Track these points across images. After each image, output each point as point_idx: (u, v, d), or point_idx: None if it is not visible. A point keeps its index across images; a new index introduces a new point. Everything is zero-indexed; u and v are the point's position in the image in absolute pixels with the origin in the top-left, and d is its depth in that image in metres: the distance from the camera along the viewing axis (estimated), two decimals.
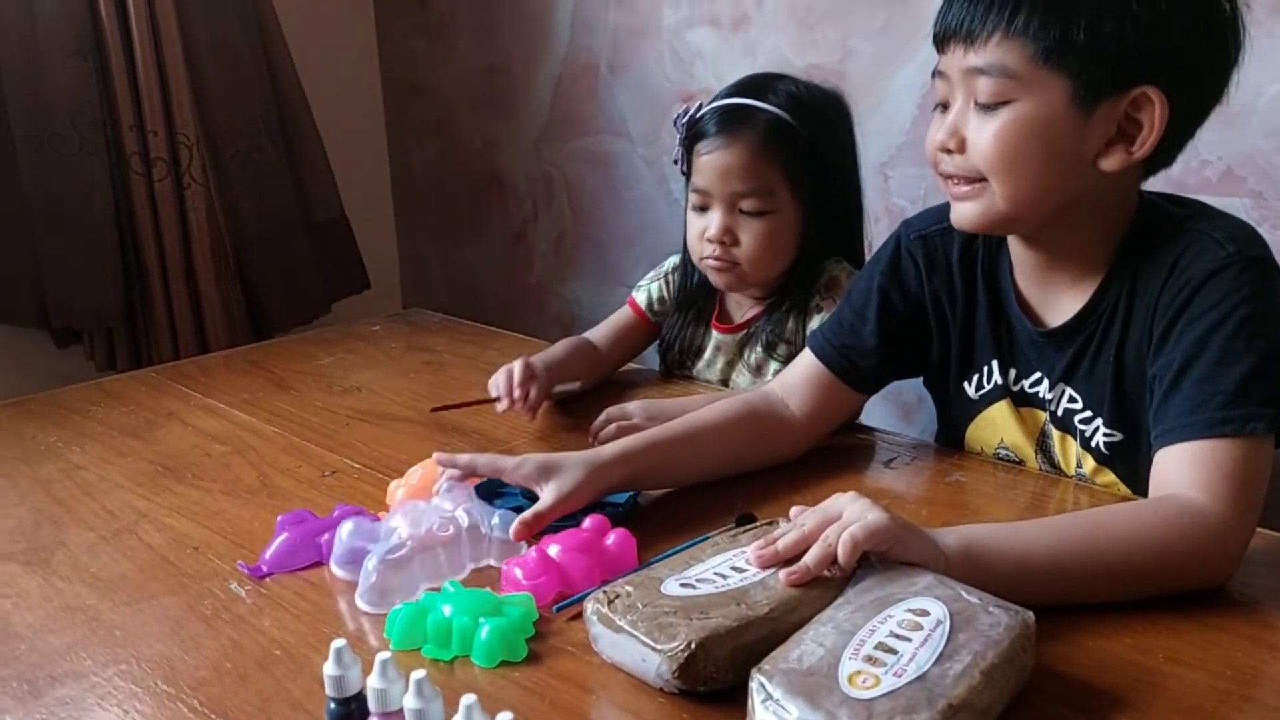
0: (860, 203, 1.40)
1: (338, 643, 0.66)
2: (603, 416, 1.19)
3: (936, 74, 0.97)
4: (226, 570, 0.93)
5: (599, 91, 2.02)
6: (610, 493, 1.01)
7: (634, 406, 1.21)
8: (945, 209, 1.08)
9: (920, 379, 1.17)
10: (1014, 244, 1.03)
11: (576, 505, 0.97)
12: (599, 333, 1.50)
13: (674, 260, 1.48)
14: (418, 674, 0.63)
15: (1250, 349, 0.87)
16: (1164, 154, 0.94)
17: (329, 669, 0.66)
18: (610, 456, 1.00)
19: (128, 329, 1.95)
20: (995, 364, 1.06)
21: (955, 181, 0.96)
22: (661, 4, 1.87)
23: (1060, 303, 1.01)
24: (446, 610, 0.80)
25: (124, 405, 1.38)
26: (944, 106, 0.97)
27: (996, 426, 1.09)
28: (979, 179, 0.94)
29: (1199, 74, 0.91)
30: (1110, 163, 0.92)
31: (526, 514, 0.94)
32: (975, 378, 1.09)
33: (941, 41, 0.95)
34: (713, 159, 1.29)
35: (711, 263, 1.32)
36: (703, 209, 1.32)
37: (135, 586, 0.91)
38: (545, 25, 2.08)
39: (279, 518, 0.98)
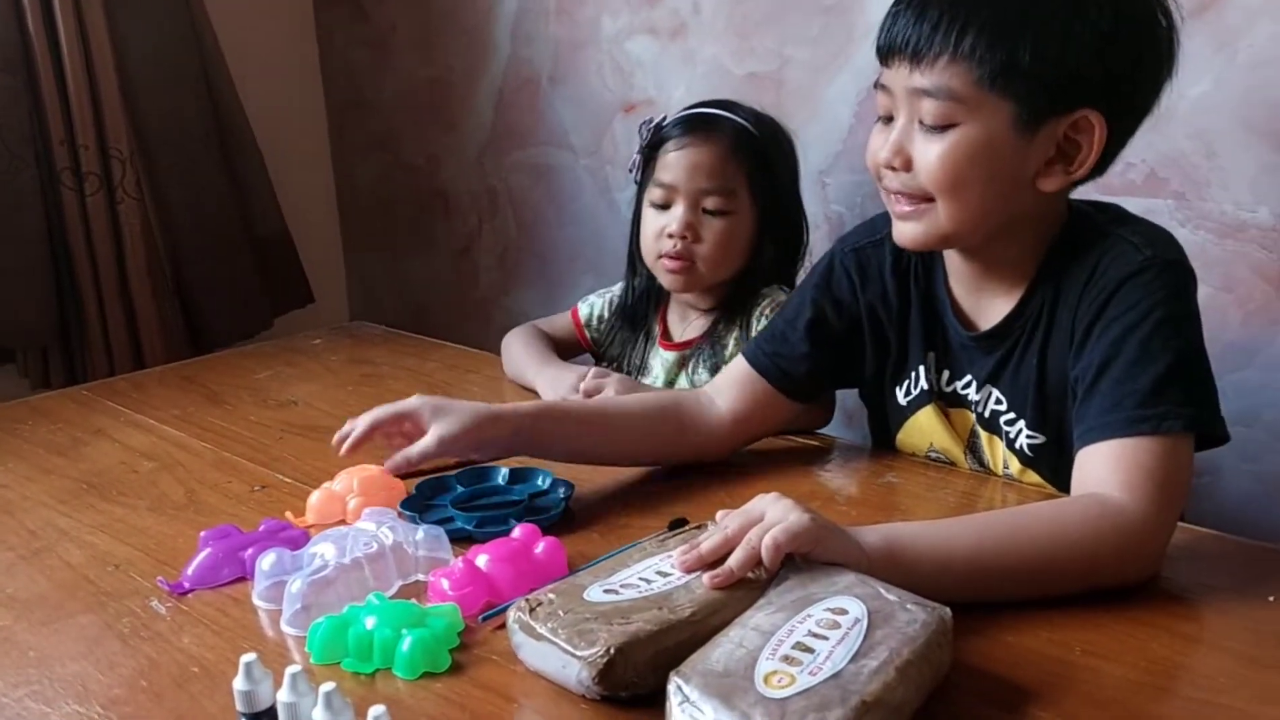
0: (803, 228, 1.45)
1: (247, 657, 0.65)
2: (591, 373, 1.28)
3: (879, 86, 0.97)
4: (147, 588, 0.92)
5: (540, 103, 2.02)
6: (497, 450, 1.06)
7: (616, 376, 1.29)
8: (879, 221, 1.10)
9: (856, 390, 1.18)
10: (950, 253, 1.04)
11: (458, 451, 1.04)
12: (549, 326, 1.56)
13: None
14: (327, 686, 0.62)
15: (1166, 350, 0.88)
16: (1096, 169, 0.95)
17: (238, 684, 0.65)
18: (502, 412, 1.06)
19: (62, 346, 1.91)
20: (922, 369, 1.07)
21: (899, 199, 0.97)
22: (600, 14, 1.87)
23: (992, 307, 1.02)
24: (369, 623, 0.79)
25: (52, 423, 1.36)
26: (887, 119, 0.97)
27: (924, 432, 1.10)
28: (924, 198, 0.94)
29: (1137, 93, 0.93)
30: (1049, 183, 0.93)
31: (404, 450, 1.02)
32: (905, 383, 1.10)
33: (886, 55, 0.95)
34: (683, 155, 1.35)
35: (668, 262, 1.37)
36: (665, 205, 1.37)
37: (52, 606, 0.89)
38: (485, 37, 2.07)
39: (202, 533, 0.96)
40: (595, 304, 1.54)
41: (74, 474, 1.18)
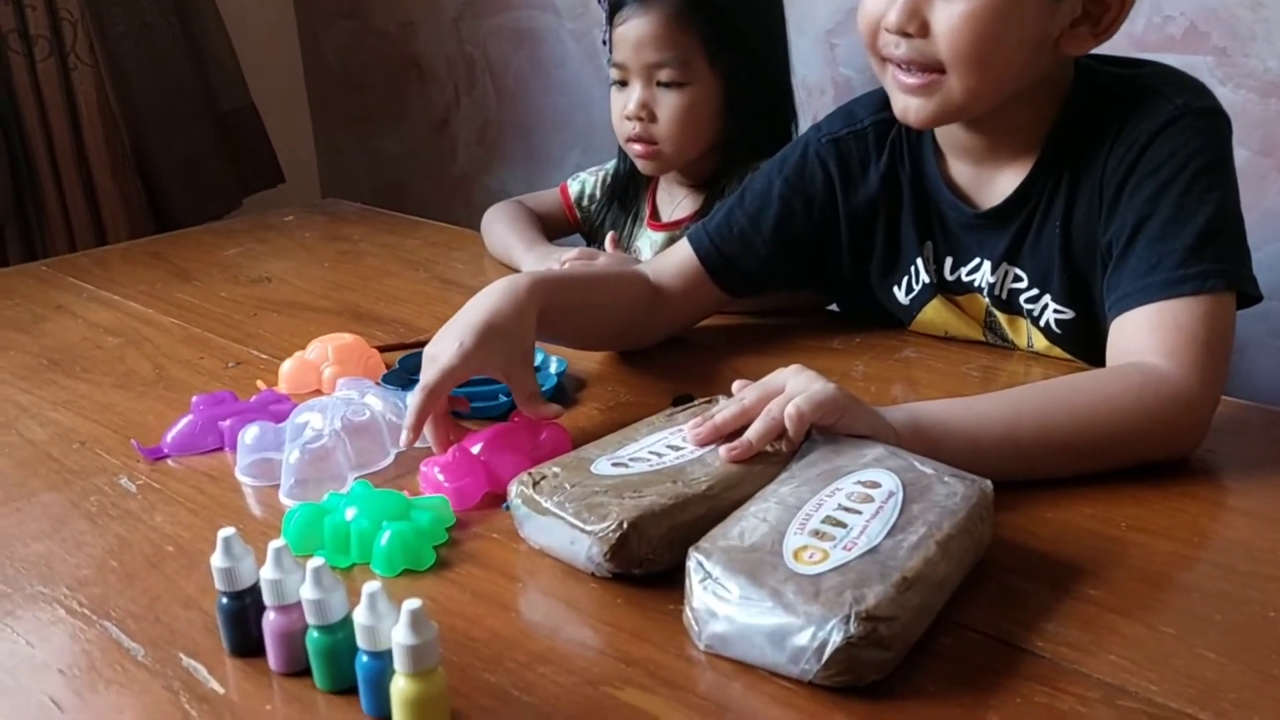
0: (789, 91, 1.32)
1: (225, 532, 0.59)
2: (576, 253, 1.18)
3: None
4: (116, 465, 0.85)
5: None
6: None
7: (606, 256, 1.19)
8: (857, 109, 1.01)
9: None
10: (949, 128, 0.95)
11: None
12: (535, 203, 1.44)
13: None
14: (315, 562, 0.56)
15: (1205, 203, 0.81)
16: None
17: (217, 561, 0.59)
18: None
19: (19, 221, 1.82)
20: (920, 262, 1.00)
21: (906, 69, 0.86)
22: None
23: (996, 182, 0.94)
24: (349, 514, 0.71)
25: (9, 299, 1.28)
26: None
27: (935, 325, 1.03)
28: (937, 69, 0.85)
29: None
30: (1074, 46, 0.86)
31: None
32: (905, 280, 1.02)
33: None
34: (629, 29, 1.22)
35: (635, 146, 1.26)
36: (622, 84, 1.27)
37: (13, 484, 0.83)
38: None
39: (193, 398, 0.90)
40: (587, 181, 1.45)
41: (34, 350, 1.11)
